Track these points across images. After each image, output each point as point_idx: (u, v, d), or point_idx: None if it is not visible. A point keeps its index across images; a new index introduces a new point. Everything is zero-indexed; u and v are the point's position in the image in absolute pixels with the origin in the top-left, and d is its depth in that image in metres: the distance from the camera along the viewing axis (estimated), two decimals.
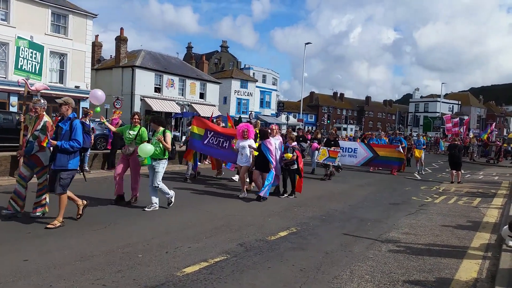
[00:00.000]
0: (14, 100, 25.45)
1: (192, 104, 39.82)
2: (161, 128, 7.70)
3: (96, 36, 39.90)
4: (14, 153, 10.39)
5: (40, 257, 4.74)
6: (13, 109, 24.34)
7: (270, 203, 8.93)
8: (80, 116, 13.55)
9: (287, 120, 46.58)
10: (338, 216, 8.09)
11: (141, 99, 35.52)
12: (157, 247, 5.34)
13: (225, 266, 4.78)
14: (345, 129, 60.34)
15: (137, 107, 34.80)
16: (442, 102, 69.23)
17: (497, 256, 5.54)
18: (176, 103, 37.73)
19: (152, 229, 6.26)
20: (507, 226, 5.86)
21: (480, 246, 6.27)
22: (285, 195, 9.77)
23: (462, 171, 15.46)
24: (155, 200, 7.58)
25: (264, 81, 57.34)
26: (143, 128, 7.98)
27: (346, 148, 16.61)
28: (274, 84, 59.81)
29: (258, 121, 12.83)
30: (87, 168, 11.72)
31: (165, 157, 7.62)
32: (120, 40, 37.12)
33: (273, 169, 9.33)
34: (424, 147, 18.90)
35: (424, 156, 17.99)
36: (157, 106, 35.59)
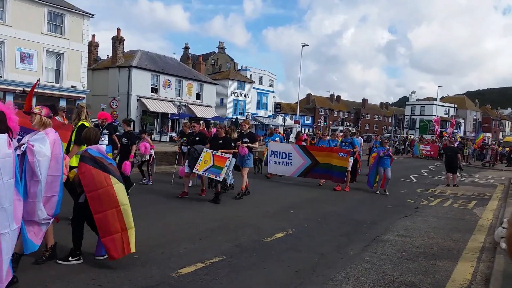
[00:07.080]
0: (9, 99, 25.31)
1: (189, 105, 39.75)
2: None
3: (93, 36, 39.80)
4: None
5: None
6: None
7: (266, 205, 8.92)
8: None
9: (284, 122, 46.57)
10: (334, 218, 8.10)
11: (137, 100, 35.38)
12: (152, 248, 5.32)
13: (221, 267, 4.78)
14: (341, 131, 60.43)
15: (133, 108, 34.70)
16: (438, 105, 69.54)
17: (491, 259, 5.57)
18: (173, 104, 37.68)
19: (148, 230, 6.23)
20: (500, 228, 5.90)
21: (475, 248, 6.30)
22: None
23: (458, 174, 15.52)
24: None
25: (261, 83, 57.30)
26: None
27: (279, 152, 12.75)
28: (271, 86, 59.79)
29: (82, 104, 7.33)
30: None
31: None
32: (117, 40, 37.06)
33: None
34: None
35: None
36: (154, 106, 35.48)
